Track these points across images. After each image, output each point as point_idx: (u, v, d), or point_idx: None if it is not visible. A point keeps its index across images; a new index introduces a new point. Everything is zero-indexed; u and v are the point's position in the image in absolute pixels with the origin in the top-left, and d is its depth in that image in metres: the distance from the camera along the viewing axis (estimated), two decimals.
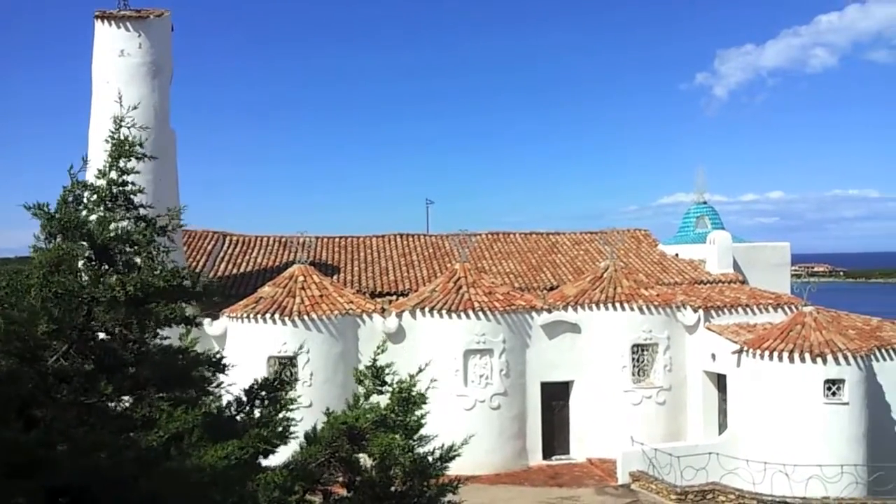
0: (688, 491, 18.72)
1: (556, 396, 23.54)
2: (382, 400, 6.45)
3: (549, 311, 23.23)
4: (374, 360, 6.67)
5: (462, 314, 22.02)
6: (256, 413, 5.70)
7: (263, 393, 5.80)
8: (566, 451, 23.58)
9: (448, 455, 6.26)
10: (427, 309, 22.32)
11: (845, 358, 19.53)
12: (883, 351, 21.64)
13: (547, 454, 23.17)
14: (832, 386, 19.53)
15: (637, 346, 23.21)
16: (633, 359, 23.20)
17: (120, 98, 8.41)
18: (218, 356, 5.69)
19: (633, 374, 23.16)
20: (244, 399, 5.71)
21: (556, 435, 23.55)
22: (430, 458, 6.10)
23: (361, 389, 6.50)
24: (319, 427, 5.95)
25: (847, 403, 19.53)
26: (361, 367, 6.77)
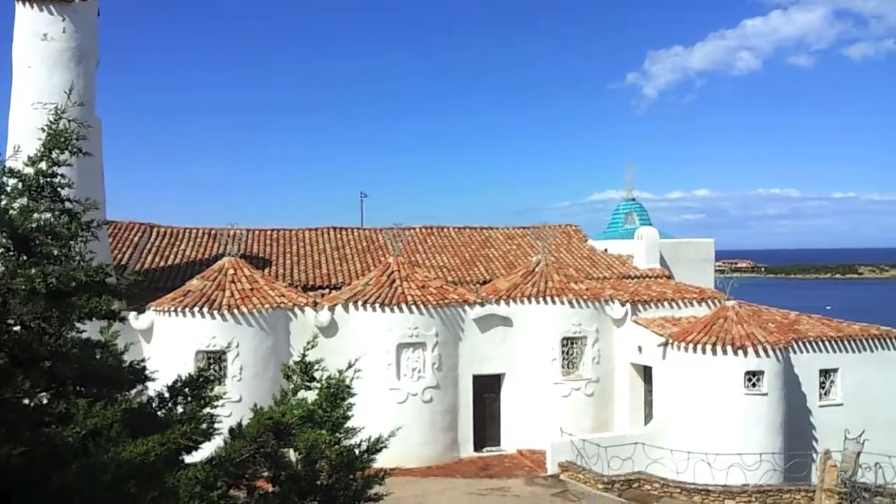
0: (614, 480, 19.17)
1: (487, 389, 23.77)
2: (311, 395, 6.40)
3: (482, 304, 23.44)
4: (304, 355, 6.62)
5: (395, 308, 22.02)
6: (180, 409, 5.60)
7: (187, 389, 5.70)
8: (497, 442, 23.85)
9: (375, 447, 6.27)
10: (360, 302, 22.24)
11: (765, 350, 20.27)
12: (800, 343, 22.52)
13: (478, 446, 23.38)
14: (752, 377, 20.25)
15: (567, 339, 23.62)
16: (563, 351, 23.60)
17: (70, 90, 8.08)
18: (141, 365, 5.58)
19: (563, 367, 23.57)
20: (167, 395, 5.60)
21: (487, 427, 23.78)
22: (356, 451, 6.09)
23: (289, 385, 6.44)
24: (245, 422, 5.89)
25: (766, 394, 20.28)
26: (290, 362, 6.70)
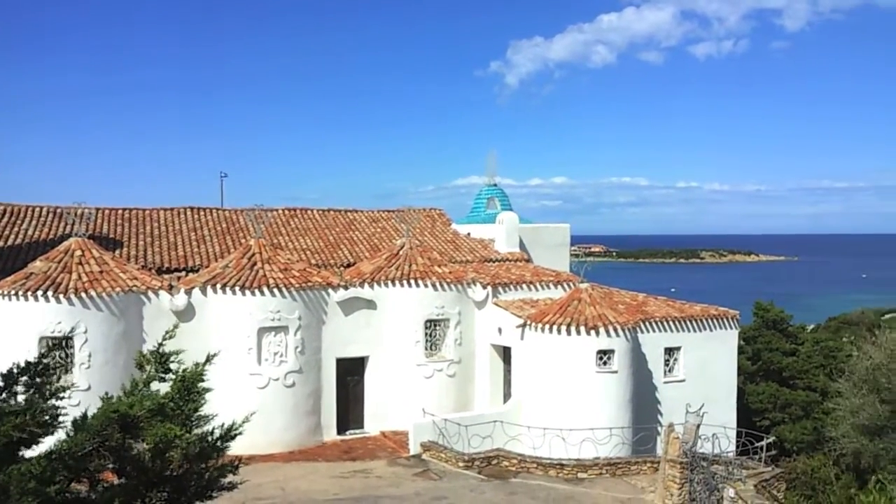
0: (474, 458, 19.64)
1: (351, 372, 23.72)
2: (164, 387, 6.11)
3: (346, 287, 23.31)
4: (161, 344, 6.31)
5: (256, 291, 21.52)
6: (19, 399, 5.21)
7: (25, 378, 5.30)
8: (361, 425, 23.87)
9: (228, 435, 6.06)
10: (219, 285, 21.57)
11: (615, 330, 21.31)
12: (647, 323, 23.86)
13: (341, 429, 23.32)
14: (603, 356, 21.27)
15: (430, 321, 23.91)
16: (426, 333, 23.88)
17: None
18: None
19: (426, 349, 23.86)
20: (1, 384, 5.20)
21: (350, 410, 23.75)
22: (209, 439, 5.87)
23: (142, 375, 6.11)
24: (93, 412, 5.54)
25: (616, 372, 21.35)
26: (145, 349, 6.37)
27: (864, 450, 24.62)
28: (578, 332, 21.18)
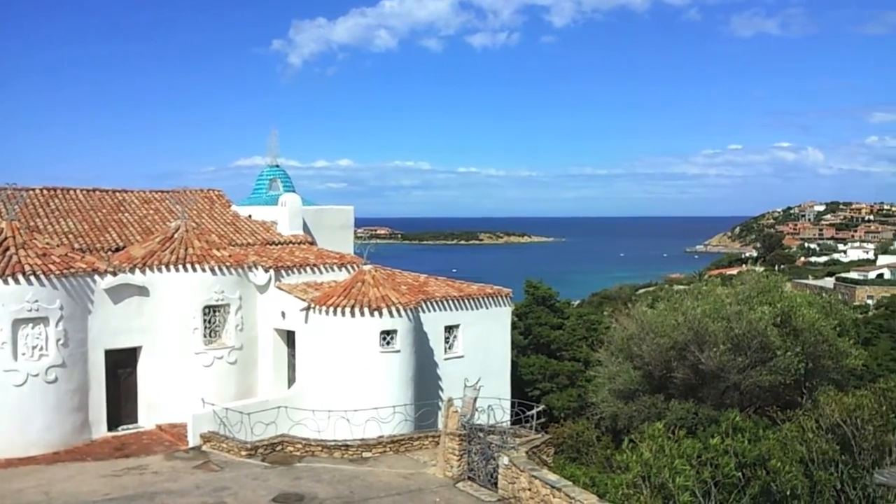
0: (258, 445, 19.29)
1: (122, 364, 22.31)
2: None
3: (115, 273, 21.84)
4: None
5: (10, 279, 19.55)
6: None
7: None
8: (134, 419, 22.56)
9: None
10: None
11: (398, 310, 21.81)
12: (428, 303, 24.67)
13: (113, 425, 21.91)
14: (387, 336, 21.70)
15: (209, 307, 23.04)
16: (205, 320, 22.99)
17: None
18: None
19: (205, 336, 22.98)
20: None
21: (123, 404, 22.36)
22: None
23: None
24: None
25: (399, 351, 21.88)
26: None
27: (620, 412, 27.23)
28: (362, 314, 21.43)
